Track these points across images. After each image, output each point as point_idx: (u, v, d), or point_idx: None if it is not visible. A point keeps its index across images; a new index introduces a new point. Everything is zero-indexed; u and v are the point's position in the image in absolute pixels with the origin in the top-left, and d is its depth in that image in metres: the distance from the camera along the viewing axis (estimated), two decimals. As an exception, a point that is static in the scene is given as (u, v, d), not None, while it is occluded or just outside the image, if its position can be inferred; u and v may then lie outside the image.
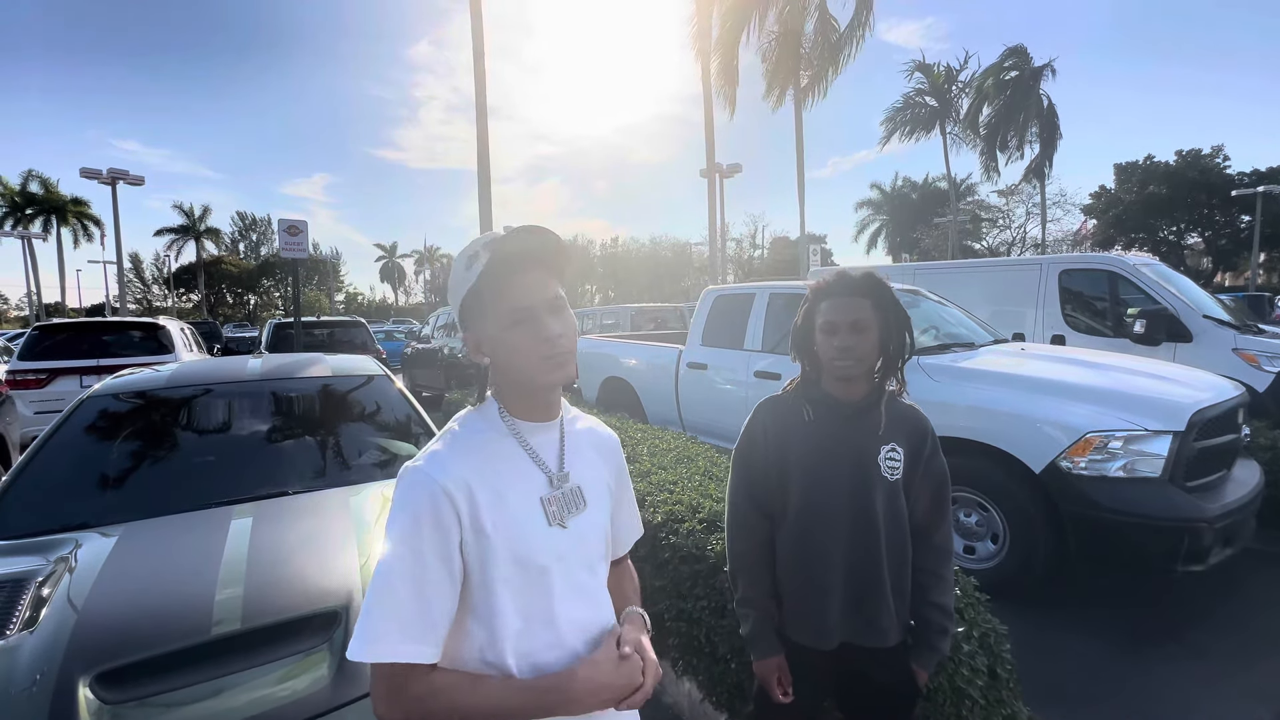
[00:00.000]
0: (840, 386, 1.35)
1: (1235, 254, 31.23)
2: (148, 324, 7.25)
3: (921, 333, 4.09)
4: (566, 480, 0.89)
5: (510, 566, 0.80)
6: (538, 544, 0.82)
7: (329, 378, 2.80)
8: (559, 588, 0.84)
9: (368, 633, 0.73)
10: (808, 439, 1.34)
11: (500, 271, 0.82)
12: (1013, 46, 24.93)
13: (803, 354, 1.41)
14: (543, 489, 0.86)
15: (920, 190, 38.63)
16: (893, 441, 1.32)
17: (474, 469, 0.80)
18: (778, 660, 1.33)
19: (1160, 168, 31.57)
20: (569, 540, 0.86)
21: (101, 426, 2.31)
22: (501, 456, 0.84)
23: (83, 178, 18.38)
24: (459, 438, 0.85)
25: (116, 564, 1.57)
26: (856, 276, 1.33)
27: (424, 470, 0.79)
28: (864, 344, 1.29)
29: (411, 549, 0.75)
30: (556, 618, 0.83)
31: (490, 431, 0.86)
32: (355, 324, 10.27)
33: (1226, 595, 3.10)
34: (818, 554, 1.32)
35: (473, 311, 0.85)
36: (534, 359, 0.82)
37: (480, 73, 8.28)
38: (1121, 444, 2.78)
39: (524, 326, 0.82)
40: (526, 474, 0.86)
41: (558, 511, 0.86)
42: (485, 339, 0.85)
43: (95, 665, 1.21)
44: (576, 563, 0.88)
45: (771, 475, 1.37)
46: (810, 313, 1.37)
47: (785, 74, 14.86)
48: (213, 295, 48.67)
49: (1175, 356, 4.82)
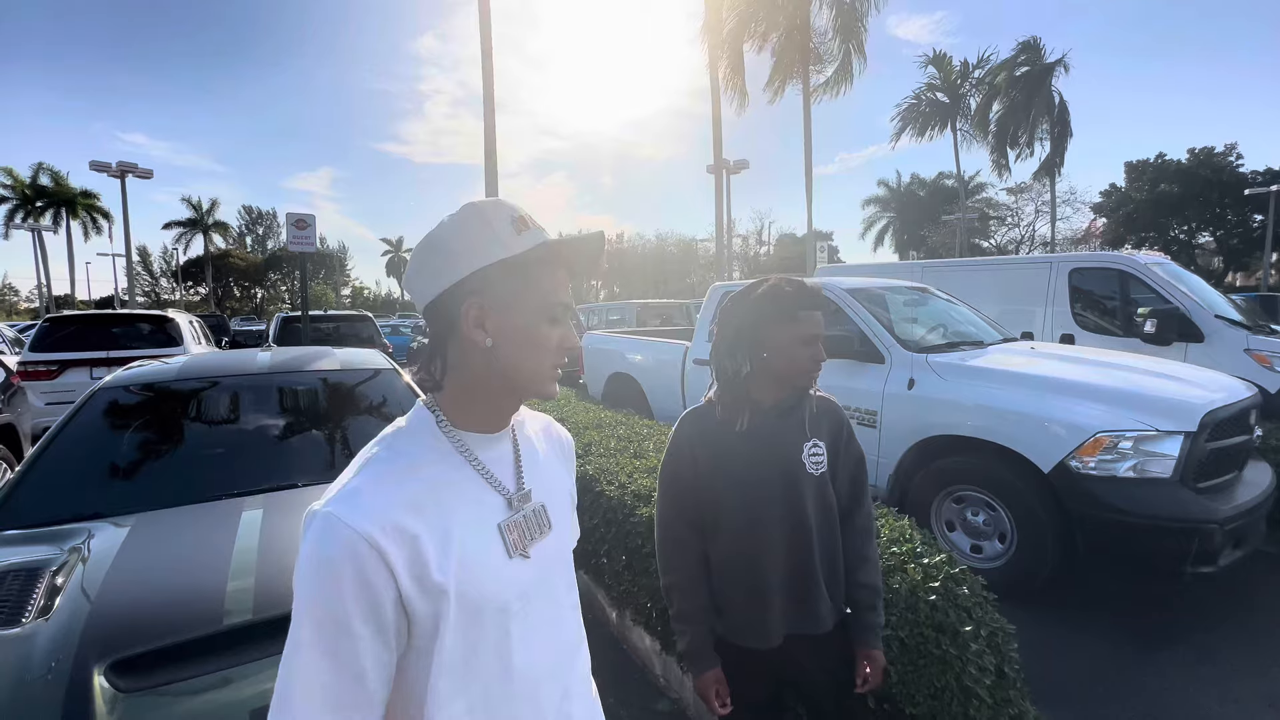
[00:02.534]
0: (771, 392, 1.37)
1: (1247, 254, 30.90)
2: (157, 317, 7.30)
3: (930, 331, 4.08)
4: (528, 500, 0.76)
5: (464, 614, 0.66)
6: (496, 583, 0.69)
7: (337, 371, 2.81)
8: (518, 631, 0.71)
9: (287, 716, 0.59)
10: (737, 448, 1.34)
11: (557, 258, 0.73)
12: (1025, 40, 24.73)
13: (746, 360, 1.35)
14: (500, 514, 0.72)
15: (928, 187, 38.45)
16: (814, 437, 1.37)
17: (409, 505, 0.65)
18: (715, 674, 1.34)
19: (1172, 166, 31.26)
20: (533, 572, 0.73)
21: (113, 418, 2.33)
22: (444, 482, 0.69)
23: (92, 170, 18.52)
24: (386, 466, 0.68)
25: (129, 554, 1.59)
26: (817, 287, 1.38)
27: (338, 518, 0.61)
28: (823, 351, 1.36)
29: (333, 622, 0.60)
30: (514, 668, 0.70)
31: (428, 453, 0.70)
32: (362, 318, 10.32)
33: (1237, 598, 3.07)
34: (757, 560, 1.34)
35: (498, 283, 0.69)
36: (548, 364, 0.73)
37: (488, 69, 8.27)
38: (1132, 444, 2.76)
39: (558, 327, 0.73)
40: (478, 498, 0.72)
41: (519, 539, 0.73)
42: (505, 320, 0.70)
43: (109, 654, 1.22)
44: (540, 597, 0.75)
45: (703, 489, 1.36)
46: (776, 323, 1.33)
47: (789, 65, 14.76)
48: (220, 289, 48.98)
49: (1186, 357, 4.78)
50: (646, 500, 2.47)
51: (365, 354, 3.17)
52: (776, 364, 1.33)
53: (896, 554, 1.90)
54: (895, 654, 1.67)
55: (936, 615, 1.69)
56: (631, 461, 2.91)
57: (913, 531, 2.05)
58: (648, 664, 2.50)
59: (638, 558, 2.39)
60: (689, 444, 1.38)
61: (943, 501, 3.30)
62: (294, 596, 0.62)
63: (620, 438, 3.41)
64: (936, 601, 1.71)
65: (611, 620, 2.78)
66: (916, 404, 3.42)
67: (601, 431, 3.57)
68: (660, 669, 2.41)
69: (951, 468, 3.27)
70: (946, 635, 1.65)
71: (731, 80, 15.01)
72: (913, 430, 3.42)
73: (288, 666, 0.61)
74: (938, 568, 1.83)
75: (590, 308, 13.81)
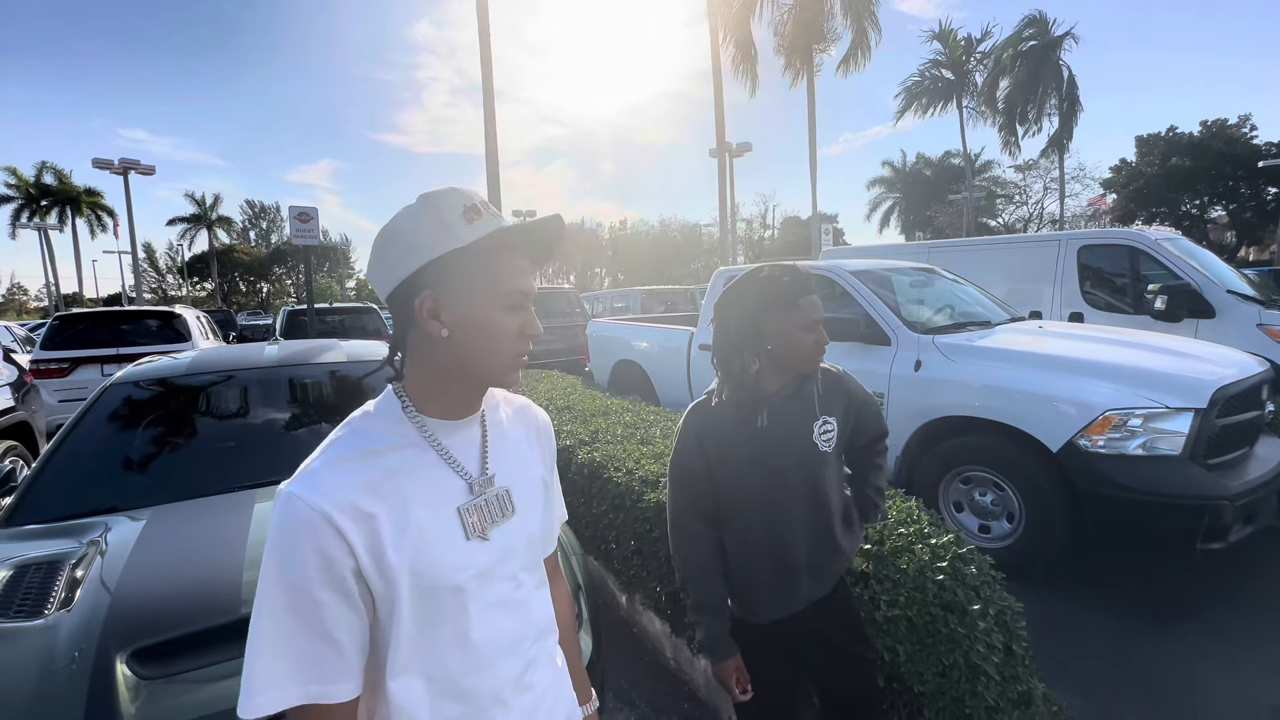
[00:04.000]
0: (776, 380, 1.37)
1: (1260, 227, 30.37)
2: (165, 313, 7.36)
3: (936, 312, 4.05)
4: (490, 484, 0.78)
5: (419, 592, 0.69)
6: (452, 563, 0.72)
7: (345, 363, 2.83)
8: (475, 607, 0.74)
9: (254, 683, 0.62)
10: (747, 437, 1.34)
11: (509, 245, 0.73)
12: (1031, 15, 24.23)
13: (755, 358, 1.33)
14: (460, 497, 0.75)
15: (934, 167, 37.93)
16: (824, 415, 1.38)
17: (366, 486, 0.68)
18: (735, 661, 1.35)
19: (1184, 139, 30.66)
20: (490, 554, 0.76)
21: (125, 413, 2.35)
22: (404, 466, 0.72)
23: (95, 168, 18.58)
24: (346, 449, 0.71)
25: (146, 546, 1.61)
26: (811, 272, 1.37)
27: (300, 497, 0.65)
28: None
29: (296, 590, 0.64)
30: (475, 640, 0.74)
31: (391, 437, 0.73)
32: (367, 310, 10.35)
33: (1247, 574, 3.07)
34: (781, 542, 1.36)
35: (450, 273, 0.71)
36: (509, 353, 0.74)
37: (486, 55, 8.20)
38: (1141, 421, 2.75)
39: (519, 315, 0.74)
40: (439, 482, 0.74)
41: (478, 522, 0.75)
42: (460, 310, 0.71)
43: (131, 642, 1.25)
44: (500, 578, 0.77)
45: (715, 480, 1.37)
46: (776, 312, 1.32)
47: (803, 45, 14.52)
48: (225, 284, 49.16)
49: (1197, 333, 4.73)
50: (654, 485, 2.48)
51: (371, 345, 3.18)
52: (781, 353, 1.33)
53: (904, 535, 1.91)
54: (904, 633, 1.68)
55: (944, 594, 1.70)
56: (639, 448, 2.92)
57: (920, 512, 2.05)
58: (658, 647, 2.53)
59: (646, 542, 2.41)
60: (696, 437, 1.38)
61: (950, 482, 3.30)
62: (260, 571, 0.65)
63: (627, 424, 3.42)
64: (944, 581, 1.72)
65: (621, 604, 2.81)
66: (923, 385, 3.41)
67: (608, 419, 3.58)
68: (671, 651, 2.44)
69: (959, 448, 3.26)
70: (955, 614, 1.66)
71: (740, 64, 14.79)
72: (920, 412, 3.41)
73: (257, 630, 0.64)
74: (945, 548, 1.84)
75: (594, 295, 13.80)
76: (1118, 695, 2.23)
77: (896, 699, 1.69)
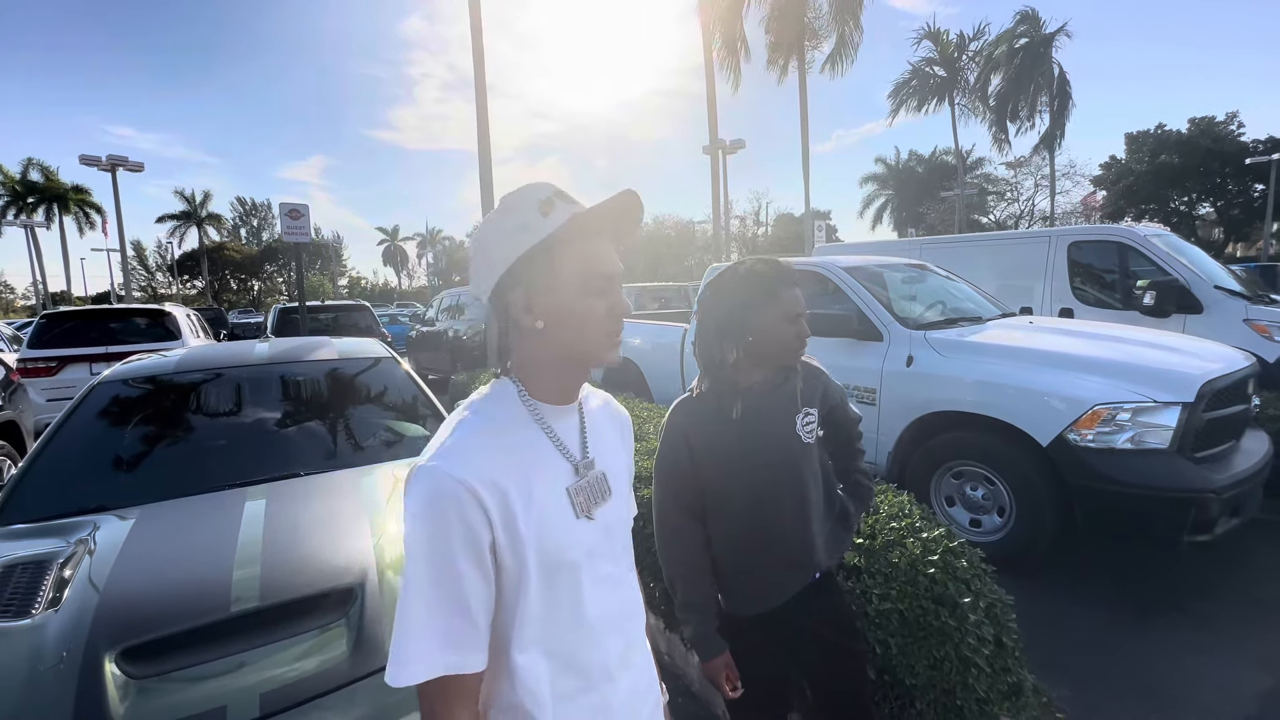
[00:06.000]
0: (759, 373, 1.38)
1: (1248, 224, 30.69)
2: (154, 311, 7.28)
3: (928, 308, 4.07)
4: (592, 467, 0.82)
5: (542, 567, 0.74)
6: (567, 539, 0.76)
7: (336, 361, 2.81)
8: (587, 582, 0.78)
9: (404, 653, 0.66)
10: (732, 432, 1.34)
11: (588, 230, 0.75)
12: (1024, 11, 24.32)
13: (732, 348, 1.34)
14: (568, 478, 0.79)
15: (927, 164, 38.06)
16: (804, 407, 1.39)
17: (499, 463, 0.72)
18: (724, 658, 1.35)
19: (1172, 136, 30.90)
20: (595, 533, 0.80)
21: (113, 412, 2.33)
22: (525, 446, 0.77)
23: (82, 164, 18.33)
24: (476, 428, 0.75)
25: (135, 545, 1.60)
26: (793, 265, 1.39)
27: (443, 470, 0.69)
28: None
29: (441, 561, 0.67)
30: (587, 615, 0.78)
31: (510, 419, 0.78)
32: (359, 308, 10.30)
33: (1233, 566, 3.11)
34: (768, 535, 1.36)
35: (536, 268, 0.74)
36: (600, 334, 0.77)
37: (478, 50, 8.14)
38: (1130, 416, 2.77)
39: (603, 298, 0.76)
40: (551, 463, 0.78)
41: (585, 502, 0.79)
42: (550, 300, 0.75)
43: (119, 641, 1.24)
44: (603, 556, 0.82)
45: (701, 476, 1.37)
46: (757, 305, 1.33)
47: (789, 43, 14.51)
48: (216, 281, 48.73)
49: (1185, 328, 4.77)
50: (648, 482, 2.48)
51: (364, 343, 3.17)
52: (763, 345, 1.34)
53: (896, 529, 1.92)
54: (895, 626, 1.69)
55: (935, 588, 1.71)
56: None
57: (912, 506, 2.06)
58: (654, 642, 2.53)
59: (639, 538, 2.41)
60: (682, 434, 1.38)
61: (942, 477, 3.33)
62: (405, 544, 0.69)
63: (620, 421, 3.42)
64: (936, 575, 1.73)
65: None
66: (915, 381, 3.43)
67: (602, 415, 3.58)
68: (665, 647, 2.45)
69: (951, 443, 3.28)
70: (946, 607, 1.67)
71: (728, 60, 14.76)
72: (912, 407, 3.43)
73: (406, 601, 0.67)
74: (936, 541, 1.85)
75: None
76: (1106, 686, 2.26)
77: (888, 691, 1.70)
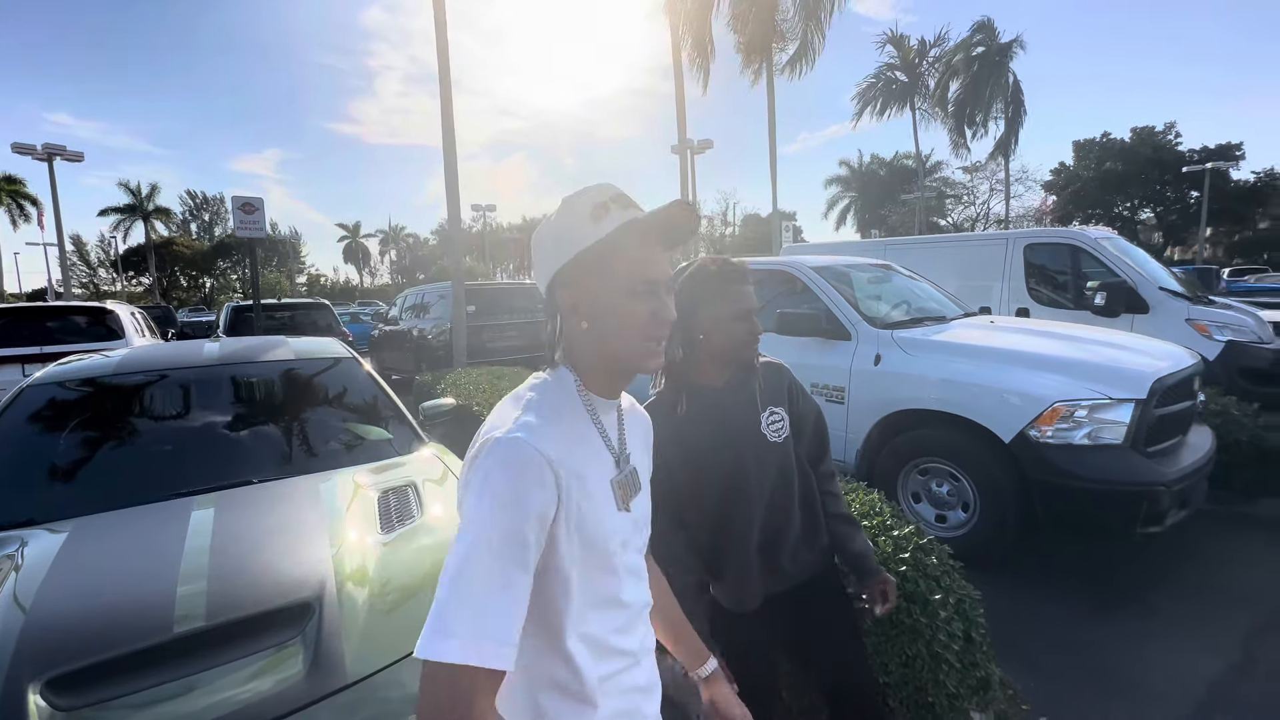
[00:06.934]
0: (717, 373, 1.37)
1: (1184, 229, 32.47)
2: (95, 309, 6.89)
3: (894, 307, 4.14)
4: (628, 462, 0.85)
5: (589, 551, 0.76)
6: (609, 528, 0.79)
7: (292, 361, 2.68)
8: (623, 571, 0.82)
9: (448, 622, 0.62)
10: (696, 433, 1.33)
11: (645, 234, 0.77)
12: (980, 21, 25.16)
13: (679, 346, 1.33)
14: (610, 471, 0.82)
15: (888, 167, 39.02)
16: (769, 405, 1.38)
17: (564, 445, 0.74)
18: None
19: (1116, 145, 32.48)
20: (629, 525, 0.83)
21: (46, 416, 2.17)
22: (579, 434, 0.79)
23: (15, 153, 17.22)
24: (544, 409, 0.76)
25: (66, 562, 1.48)
26: (743, 263, 1.39)
27: (524, 440, 0.70)
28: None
29: (508, 530, 0.66)
30: (623, 601, 0.82)
31: (571, 408, 0.80)
32: (319, 306, 9.97)
33: (1181, 556, 3.25)
34: (736, 536, 1.35)
35: (590, 269, 0.76)
36: (642, 338, 0.78)
37: (442, 43, 7.95)
38: (1087, 413, 2.86)
39: (649, 301, 0.77)
40: (600, 455, 0.81)
41: (624, 495, 0.82)
42: (596, 303, 0.77)
43: (46, 670, 1.14)
44: (633, 548, 0.85)
45: (671, 479, 1.33)
46: (707, 303, 1.32)
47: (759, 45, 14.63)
48: (165, 278, 46.57)
49: (1133, 327, 4.99)
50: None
51: (322, 343, 3.04)
52: (715, 342, 1.33)
53: (868, 528, 1.92)
54: (869, 626, 1.70)
55: (907, 586, 1.72)
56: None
57: (883, 505, 2.08)
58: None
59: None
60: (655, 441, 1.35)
61: (909, 474, 3.38)
62: (469, 514, 0.67)
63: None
64: (907, 573, 1.74)
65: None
66: (883, 379, 3.48)
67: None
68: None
69: (917, 441, 3.34)
70: (917, 605, 1.69)
71: (697, 60, 14.79)
72: (880, 405, 3.48)
73: (463, 573, 0.64)
74: (907, 539, 1.87)
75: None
76: (1067, 676, 2.32)
77: (862, 691, 1.70)
